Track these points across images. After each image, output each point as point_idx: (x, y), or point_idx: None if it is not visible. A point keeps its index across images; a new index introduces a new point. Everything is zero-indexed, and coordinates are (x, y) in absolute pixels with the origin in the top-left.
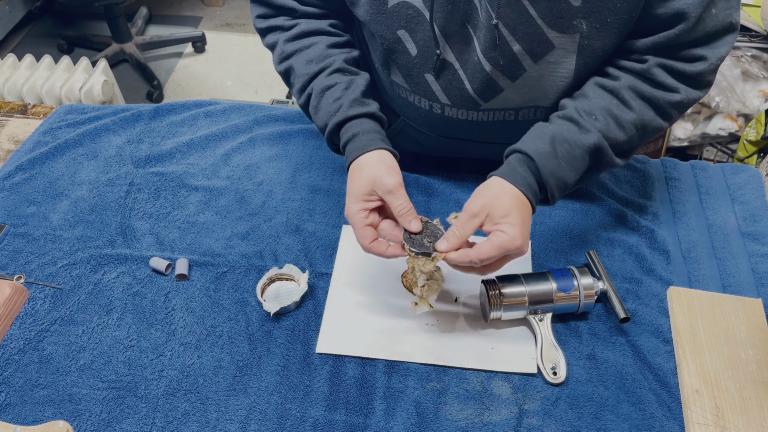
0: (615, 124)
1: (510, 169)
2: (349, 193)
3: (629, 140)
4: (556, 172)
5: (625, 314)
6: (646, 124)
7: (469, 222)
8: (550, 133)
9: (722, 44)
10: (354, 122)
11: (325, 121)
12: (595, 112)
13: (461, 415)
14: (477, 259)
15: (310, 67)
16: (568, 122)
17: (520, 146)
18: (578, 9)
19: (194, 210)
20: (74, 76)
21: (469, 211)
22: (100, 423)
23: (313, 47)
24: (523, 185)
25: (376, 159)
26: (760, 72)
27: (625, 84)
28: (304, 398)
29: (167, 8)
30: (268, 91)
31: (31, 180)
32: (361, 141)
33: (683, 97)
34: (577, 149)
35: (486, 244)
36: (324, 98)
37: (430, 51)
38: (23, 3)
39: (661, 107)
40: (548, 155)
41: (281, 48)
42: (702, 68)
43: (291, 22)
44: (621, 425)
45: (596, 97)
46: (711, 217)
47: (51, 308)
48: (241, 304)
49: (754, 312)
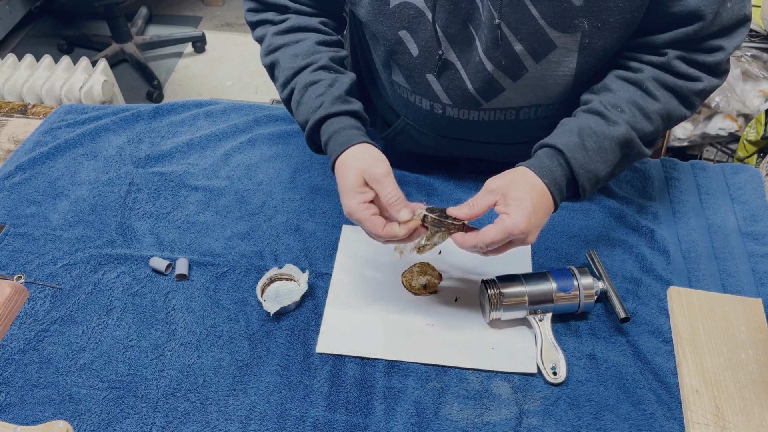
0: (641, 114)
1: (538, 161)
2: (343, 190)
3: (655, 130)
4: (586, 165)
5: (625, 314)
6: (670, 113)
7: (484, 197)
8: (577, 126)
9: (737, 34)
10: (335, 119)
11: (306, 117)
12: (621, 105)
13: (461, 415)
14: (482, 243)
15: (296, 62)
16: (594, 115)
17: (549, 140)
18: (580, 8)
19: (194, 210)
20: (74, 76)
21: (488, 187)
22: (100, 423)
23: (301, 42)
24: (548, 177)
25: (361, 151)
26: (760, 72)
27: (649, 75)
28: (304, 398)
29: (167, 8)
30: (268, 91)
31: (31, 180)
32: (342, 137)
33: (705, 85)
34: (606, 141)
35: (491, 229)
36: (306, 94)
37: (431, 51)
38: (23, 3)
39: (685, 96)
40: (577, 147)
41: (269, 41)
42: (720, 58)
43: (281, 17)
44: (621, 425)
45: (620, 90)
46: (711, 217)
47: (51, 308)
48: (241, 304)
49: (754, 312)
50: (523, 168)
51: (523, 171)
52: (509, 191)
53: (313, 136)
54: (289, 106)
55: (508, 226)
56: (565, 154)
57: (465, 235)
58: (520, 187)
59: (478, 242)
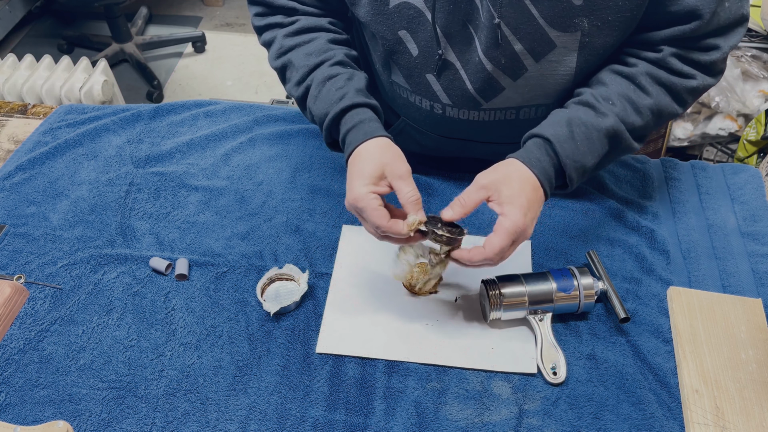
0: (632, 108)
1: (527, 153)
2: (358, 175)
3: (645, 125)
4: (573, 155)
5: (625, 314)
6: (662, 109)
7: (476, 192)
8: (567, 116)
9: (734, 34)
10: (359, 110)
11: (326, 110)
12: (612, 98)
13: (461, 415)
14: (491, 254)
15: (310, 60)
16: (584, 107)
17: (538, 130)
18: (580, 8)
19: (194, 210)
20: (74, 76)
21: (479, 182)
22: (100, 423)
23: (313, 42)
24: (537, 168)
25: (386, 144)
26: (760, 72)
27: (642, 70)
28: (304, 398)
29: (167, 8)
30: (268, 91)
31: (31, 180)
32: (368, 127)
33: (699, 83)
34: (594, 132)
35: (494, 237)
36: (325, 87)
37: (431, 51)
38: (23, 3)
39: (677, 93)
40: (565, 137)
41: (280, 43)
42: (716, 57)
43: (290, 19)
44: (621, 425)
45: (613, 83)
46: (711, 217)
47: (51, 308)
48: (241, 304)
49: (754, 312)
50: (513, 160)
51: (514, 164)
52: (502, 188)
53: (332, 127)
54: (303, 103)
55: (509, 228)
56: (554, 144)
57: (471, 252)
58: (514, 184)
59: (486, 256)
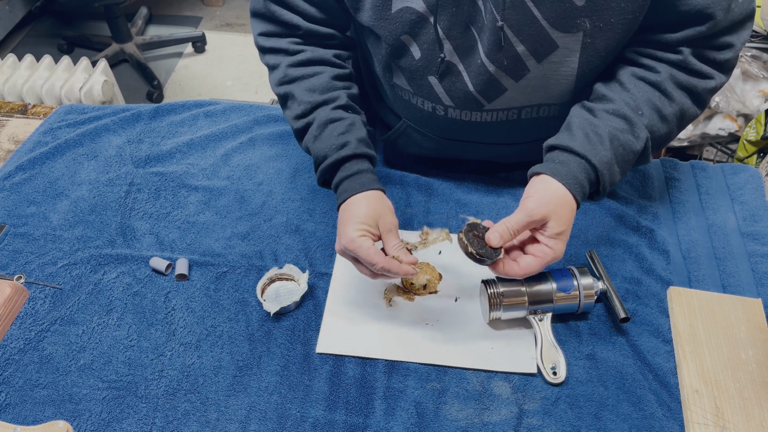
0: (658, 117)
1: (573, 178)
2: (351, 219)
3: (669, 132)
4: (611, 178)
5: (625, 314)
6: (684, 113)
7: (525, 225)
8: (609, 135)
9: (744, 30)
10: (358, 160)
11: (325, 152)
12: (642, 107)
13: (461, 415)
14: (523, 274)
15: (313, 96)
16: (621, 120)
17: (582, 150)
18: (582, 9)
19: (194, 210)
20: (74, 76)
21: (531, 214)
22: (100, 423)
23: (317, 76)
24: (580, 195)
25: (379, 197)
26: (760, 72)
27: (666, 76)
28: (304, 398)
29: (167, 8)
30: (268, 91)
31: (31, 180)
32: (365, 178)
33: (717, 82)
34: (630, 155)
35: (534, 262)
36: (327, 130)
37: (433, 54)
38: (23, 3)
39: (698, 95)
40: (608, 162)
41: (284, 71)
42: (730, 55)
43: (296, 47)
44: (621, 425)
45: (638, 90)
46: (711, 217)
47: (51, 308)
48: (241, 304)
49: (754, 312)
50: (559, 186)
51: (563, 193)
52: (552, 221)
53: (328, 171)
54: (301, 136)
55: (550, 259)
56: (599, 170)
57: (506, 267)
58: (564, 218)
59: (520, 274)
